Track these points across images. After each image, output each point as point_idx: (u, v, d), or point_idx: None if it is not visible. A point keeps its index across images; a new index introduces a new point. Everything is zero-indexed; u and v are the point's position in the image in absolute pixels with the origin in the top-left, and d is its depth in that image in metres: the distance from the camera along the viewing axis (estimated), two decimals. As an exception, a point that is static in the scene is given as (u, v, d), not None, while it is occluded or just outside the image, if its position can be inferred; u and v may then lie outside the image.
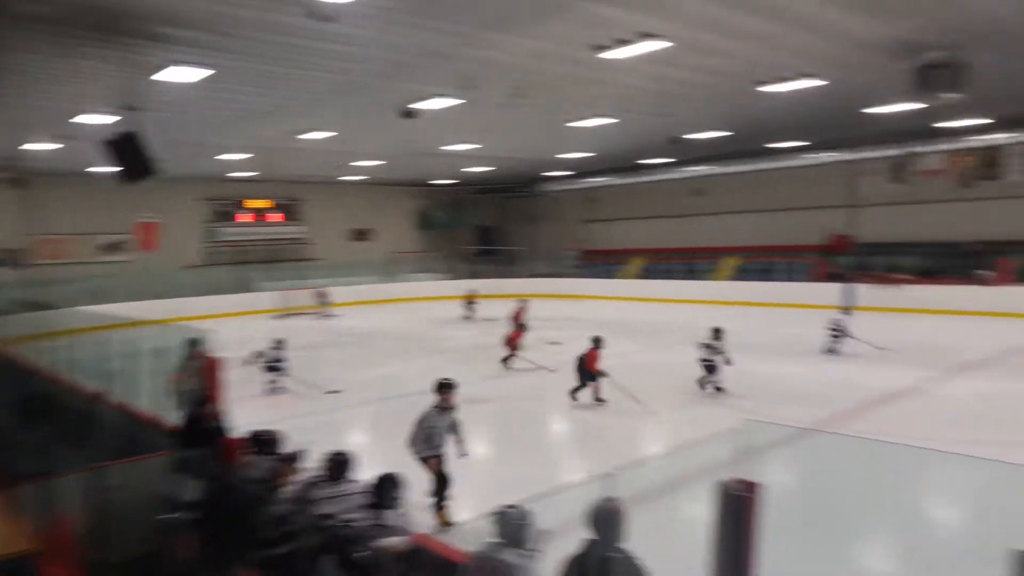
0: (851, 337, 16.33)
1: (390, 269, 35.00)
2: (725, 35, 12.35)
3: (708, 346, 12.50)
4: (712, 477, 3.78)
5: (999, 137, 23.54)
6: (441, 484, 7.44)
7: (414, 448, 7.50)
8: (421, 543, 5.13)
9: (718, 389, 12.39)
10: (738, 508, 3.52)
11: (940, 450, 9.53)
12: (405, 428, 7.68)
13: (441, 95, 15.93)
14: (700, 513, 3.94)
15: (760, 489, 3.52)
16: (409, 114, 16.74)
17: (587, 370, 12.16)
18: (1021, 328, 19.61)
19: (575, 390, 12.27)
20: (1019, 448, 9.51)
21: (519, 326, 16.78)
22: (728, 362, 12.47)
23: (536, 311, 19.48)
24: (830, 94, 16.58)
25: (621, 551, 3.88)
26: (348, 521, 5.14)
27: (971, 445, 9.63)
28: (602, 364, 12.15)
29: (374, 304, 30.76)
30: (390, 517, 5.14)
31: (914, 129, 22.50)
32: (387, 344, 20.43)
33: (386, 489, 5.23)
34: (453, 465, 7.65)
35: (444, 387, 7.69)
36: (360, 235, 36.95)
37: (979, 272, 23.82)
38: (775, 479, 9.11)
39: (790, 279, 28.41)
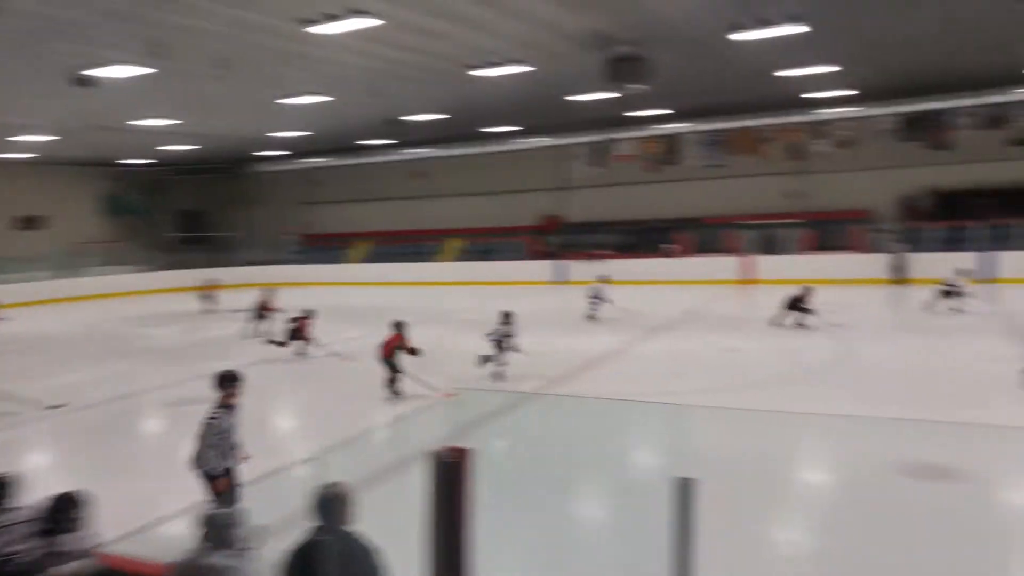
0: (608, 302, 18.01)
1: (72, 262, 30.07)
2: (437, 16, 12.42)
3: (498, 331, 11.91)
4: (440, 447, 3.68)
5: (679, 127, 26.95)
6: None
7: (203, 463, 5.95)
8: (109, 563, 4.39)
9: (498, 375, 11.75)
10: (450, 476, 3.46)
11: (639, 400, 10.61)
12: (97, 440, 6.56)
13: (125, 62, 14.07)
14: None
15: (471, 455, 3.47)
16: (83, 82, 14.57)
17: (387, 357, 10.86)
18: (699, 293, 22.64)
19: (390, 380, 10.91)
20: (701, 394, 10.91)
21: (301, 315, 15.23)
22: (516, 348, 11.87)
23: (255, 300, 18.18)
24: (537, 81, 17.57)
25: (349, 535, 3.69)
26: (11, 554, 4.24)
27: (662, 395, 10.87)
28: (412, 346, 11.06)
29: (53, 303, 26.57)
30: (68, 541, 4.35)
31: (610, 117, 24.82)
32: (71, 348, 17.73)
33: (63, 511, 4.44)
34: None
35: (228, 380, 6.16)
36: (28, 223, 31.54)
37: (665, 246, 27.14)
38: (498, 444, 9.56)
39: (506, 258, 29.98)
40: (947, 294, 17.17)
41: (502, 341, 11.89)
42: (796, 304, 15.71)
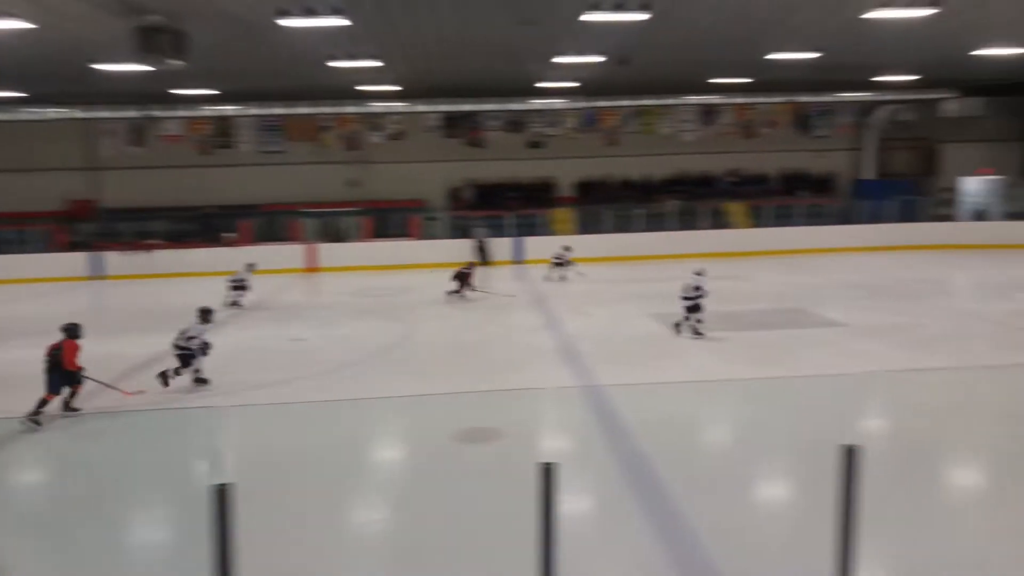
0: (250, 290, 17.77)
1: None
2: None
3: (191, 330, 10.43)
4: None
5: (231, 108, 25.39)
6: None
7: None
8: None
9: (201, 380, 10.52)
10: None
11: (186, 408, 9.63)
12: None
13: None
14: None
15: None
16: None
17: (65, 368, 8.96)
18: (263, 283, 21.53)
19: (66, 402, 9.16)
20: (266, 389, 10.36)
21: None
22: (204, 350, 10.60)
23: None
24: (44, 41, 14.79)
25: None
26: None
27: (226, 393, 10.06)
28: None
29: None
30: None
31: (152, 92, 22.27)
32: None
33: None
34: None
35: None
36: None
37: (225, 234, 25.42)
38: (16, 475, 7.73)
39: (25, 250, 24.85)
40: (557, 265, 20.75)
41: (204, 346, 10.42)
42: (462, 279, 17.56)
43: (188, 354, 10.34)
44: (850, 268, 21.39)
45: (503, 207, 27.30)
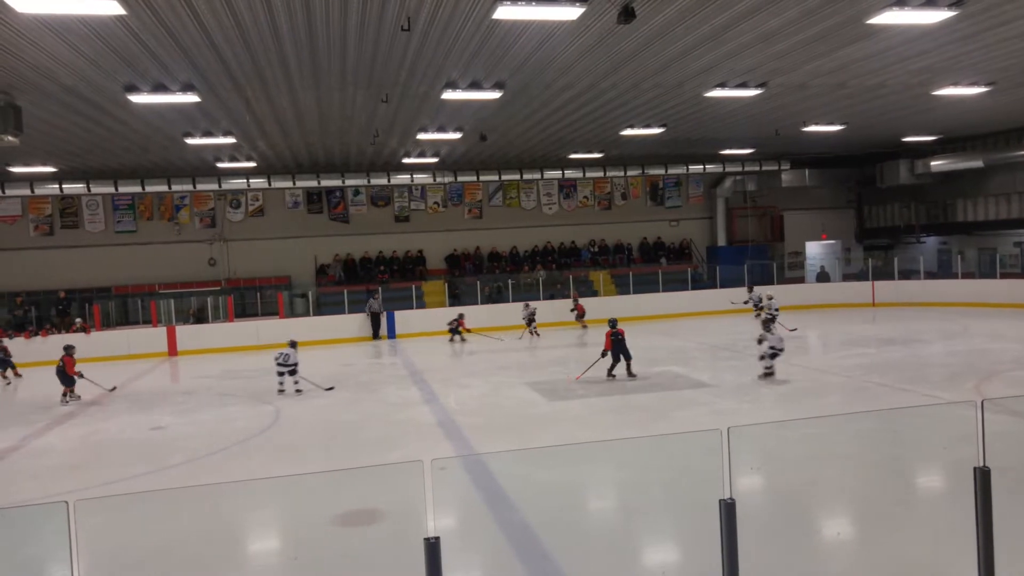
0: None
1: None
2: None
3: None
4: None
5: (75, 187, 23.92)
6: None
7: None
8: None
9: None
10: None
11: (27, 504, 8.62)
12: None
13: None
14: None
15: None
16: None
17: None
18: (119, 370, 19.91)
19: None
20: (126, 482, 9.49)
21: None
22: None
23: None
24: None
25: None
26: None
27: (85, 491, 9.07)
28: None
29: None
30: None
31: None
32: None
33: None
34: None
35: None
36: None
37: (80, 320, 23.31)
38: None
39: None
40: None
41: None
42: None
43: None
44: (713, 330, 22.51)
45: (373, 281, 26.99)
